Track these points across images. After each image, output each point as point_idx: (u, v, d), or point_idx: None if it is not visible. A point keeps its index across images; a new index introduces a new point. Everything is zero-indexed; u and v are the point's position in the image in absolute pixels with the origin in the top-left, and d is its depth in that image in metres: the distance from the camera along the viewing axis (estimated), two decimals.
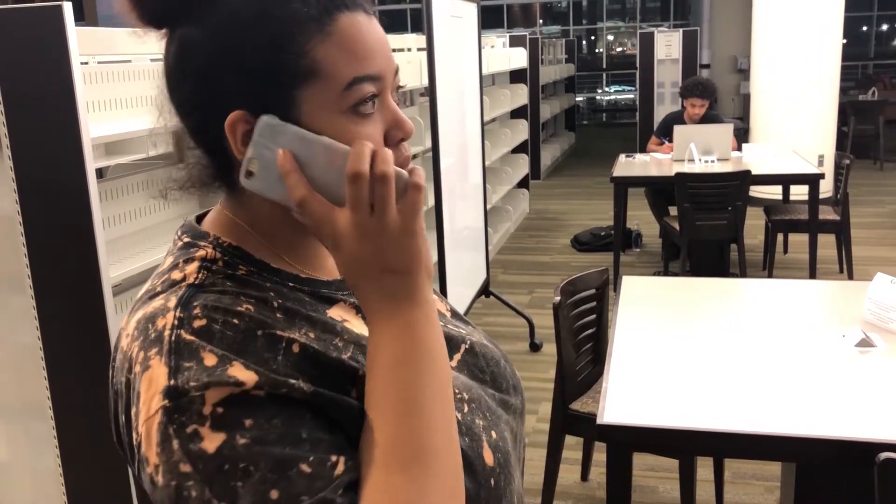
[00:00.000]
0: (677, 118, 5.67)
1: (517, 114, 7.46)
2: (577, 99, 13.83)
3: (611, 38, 17.20)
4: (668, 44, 9.32)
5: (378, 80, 0.65)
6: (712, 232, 4.64)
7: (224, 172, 0.68)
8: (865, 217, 6.67)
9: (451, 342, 0.77)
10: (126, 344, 0.64)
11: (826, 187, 6.51)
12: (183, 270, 0.67)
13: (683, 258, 4.75)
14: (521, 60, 7.59)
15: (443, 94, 3.44)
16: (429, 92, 3.38)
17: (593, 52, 17.31)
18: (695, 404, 1.77)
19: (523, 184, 7.38)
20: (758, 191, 6.65)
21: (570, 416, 2.46)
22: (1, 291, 2.10)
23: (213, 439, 0.57)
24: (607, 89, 17.15)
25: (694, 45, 9.36)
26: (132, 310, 0.67)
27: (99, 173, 2.50)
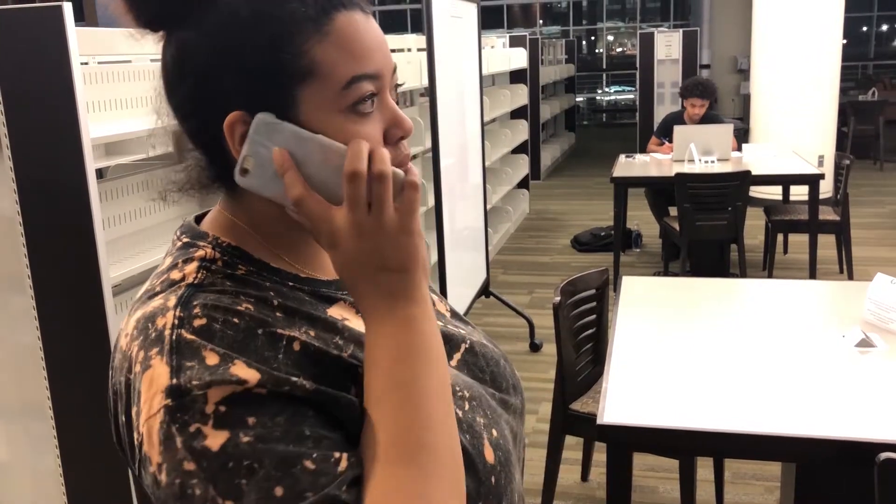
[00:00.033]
0: (677, 118, 5.66)
1: (517, 114, 7.46)
2: (577, 99, 13.83)
3: (611, 38, 17.20)
4: (668, 44, 9.32)
5: (376, 78, 0.65)
6: (712, 232, 4.64)
7: (223, 173, 0.68)
8: (865, 217, 6.67)
9: (451, 342, 0.77)
10: (125, 344, 0.64)
11: (826, 188, 6.51)
12: (182, 270, 0.67)
13: (683, 258, 4.75)
14: (521, 61, 7.59)
15: (443, 94, 3.44)
16: (429, 92, 3.38)
17: (593, 53, 17.31)
18: (695, 404, 1.78)
19: (523, 184, 7.38)
20: (758, 191, 6.65)
21: (570, 417, 2.46)
22: (1, 291, 2.10)
23: (216, 437, 0.57)
24: (607, 90, 17.15)
25: (694, 46, 9.35)
26: (131, 310, 0.67)
27: (99, 173, 2.50)
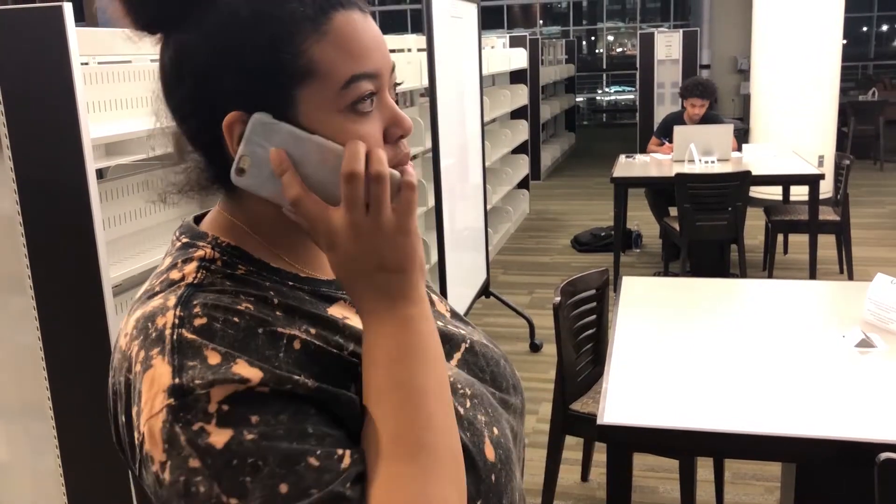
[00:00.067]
0: (677, 119, 5.66)
1: (517, 114, 7.46)
2: (578, 99, 13.83)
3: (611, 38, 17.20)
4: (668, 44, 9.32)
5: (375, 77, 0.66)
6: (712, 232, 4.64)
7: (222, 174, 0.68)
8: (865, 217, 6.67)
9: (452, 341, 0.77)
10: (125, 343, 0.64)
11: (826, 188, 6.51)
12: (181, 270, 0.67)
13: (683, 259, 4.75)
14: (521, 61, 7.59)
15: (443, 94, 3.44)
16: (429, 92, 3.38)
17: (593, 53, 17.31)
18: (695, 405, 1.78)
19: (523, 184, 7.38)
20: (758, 191, 6.65)
21: (570, 417, 2.46)
22: (1, 292, 2.10)
23: (220, 435, 0.57)
24: (607, 90, 17.15)
25: (694, 46, 9.36)
26: (130, 310, 0.67)
27: (99, 174, 2.50)
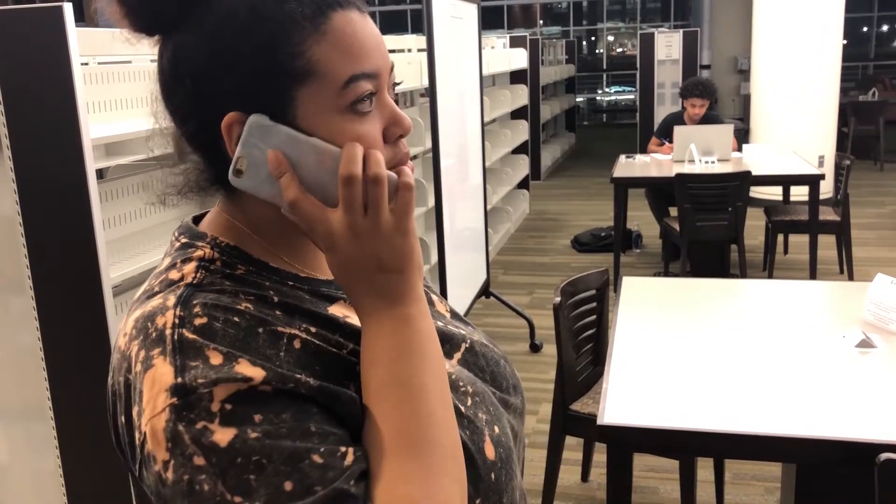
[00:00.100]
0: (677, 119, 5.66)
1: (517, 114, 7.46)
2: (578, 100, 13.83)
3: (611, 38, 17.20)
4: (668, 44, 9.32)
5: (375, 77, 0.66)
6: (712, 232, 4.64)
7: (221, 175, 0.68)
8: (866, 218, 6.67)
9: (452, 341, 0.77)
10: (124, 343, 0.64)
11: (826, 188, 6.51)
12: (181, 270, 0.67)
13: (683, 259, 4.75)
14: (521, 61, 7.59)
15: (443, 94, 3.44)
16: (429, 93, 3.38)
17: (593, 53, 17.31)
18: (695, 405, 1.78)
19: (523, 184, 7.38)
20: (758, 191, 6.65)
21: (570, 417, 2.46)
22: (1, 292, 2.10)
23: (224, 434, 0.57)
24: (607, 90, 17.15)
25: (694, 46, 9.36)
26: (129, 310, 0.67)
27: (99, 174, 2.50)
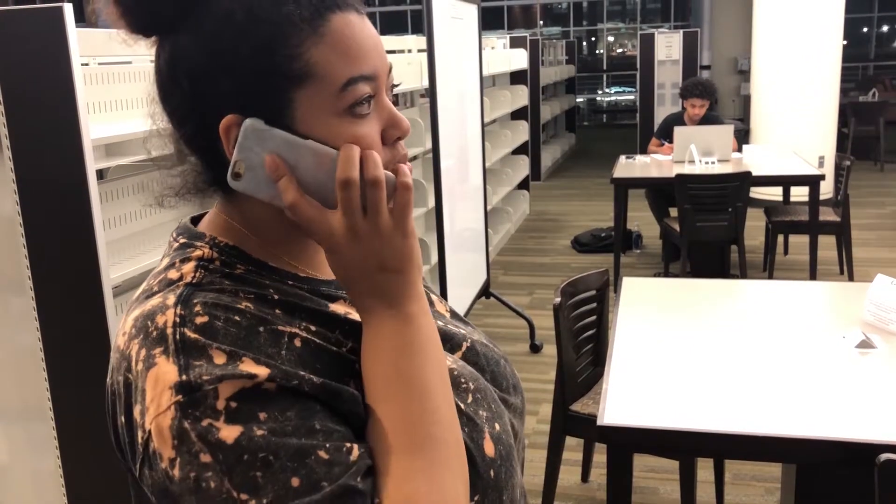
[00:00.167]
0: (678, 119, 5.67)
1: (517, 115, 7.46)
2: (578, 100, 13.83)
3: (611, 39, 17.20)
4: (668, 45, 9.33)
5: (373, 79, 0.65)
6: (712, 233, 4.64)
7: (220, 177, 0.68)
8: (866, 218, 6.67)
9: (452, 341, 0.77)
10: (123, 342, 0.64)
11: (826, 188, 6.50)
12: (180, 270, 0.67)
13: (684, 259, 4.75)
14: (521, 62, 7.59)
15: (443, 95, 3.44)
16: (429, 93, 3.38)
17: (594, 54, 17.31)
18: (695, 406, 1.78)
19: (523, 185, 7.38)
20: (758, 192, 6.65)
21: (570, 418, 2.46)
22: (1, 293, 2.10)
23: (230, 431, 0.57)
24: (608, 90, 17.15)
25: (694, 47, 9.36)
26: (128, 309, 0.67)
27: (99, 174, 2.50)
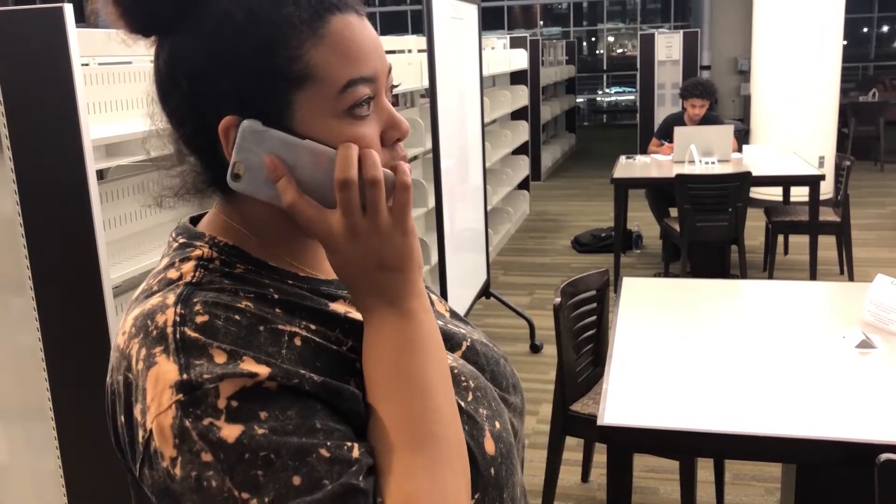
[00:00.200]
0: (678, 120, 5.67)
1: (517, 115, 7.46)
2: (578, 100, 13.83)
3: (611, 39, 17.21)
4: (668, 45, 9.33)
5: (372, 81, 0.65)
6: (713, 233, 4.64)
7: (219, 178, 0.68)
8: (866, 218, 6.67)
9: (452, 340, 0.77)
10: (123, 342, 0.64)
11: (826, 189, 6.50)
12: (179, 269, 0.67)
13: (684, 259, 4.75)
14: (521, 62, 7.59)
15: (443, 95, 3.44)
16: (429, 93, 3.39)
17: (594, 54, 17.31)
18: (695, 406, 1.78)
19: (524, 185, 7.38)
20: (758, 192, 6.65)
21: (570, 418, 2.46)
22: (1, 293, 2.10)
23: (231, 430, 0.57)
24: (608, 91, 17.15)
25: (694, 47, 9.36)
26: (127, 309, 0.67)
27: (99, 175, 2.50)
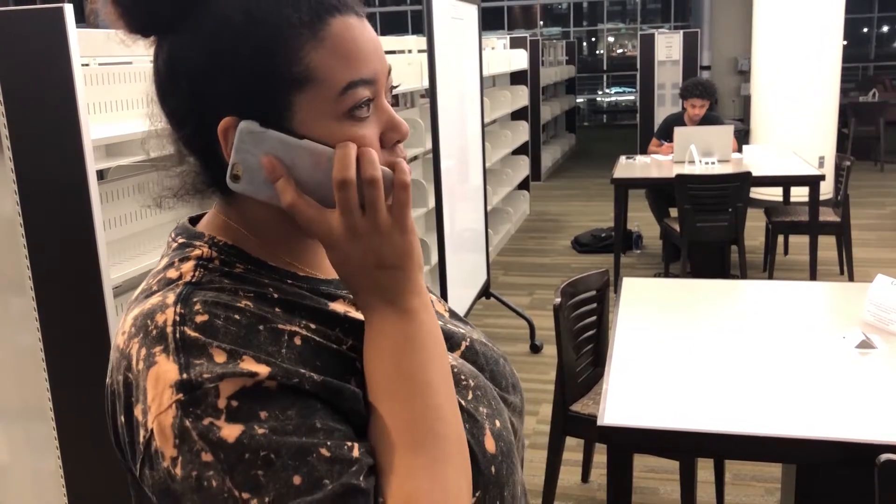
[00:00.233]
0: (678, 120, 5.66)
1: (517, 115, 7.46)
2: (578, 100, 13.83)
3: (611, 39, 17.21)
4: (668, 45, 9.33)
5: (372, 83, 0.65)
6: (713, 233, 4.64)
7: (218, 178, 0.68)
8: (866, 219, 6.67)
9: (452, 340, 0.77)
10: (123, 342, 0.64)
11: (826, 189, 6.50)
12: (179, 269, 0.67)
13: (684, 260, 4.75)
14: (521, 62, 7.59)
15: (443, 95, 3.44)
16: (429, 94, 3.39)
17: (594, 54, 17.31)
18: (695, 406, 1.78)
19: (524, 185, 7.38)
20: (758, 192, 6.65)
21: (570, 418, 2.46)
22: (1, 293, 2.10)
23: (231, 430, 0.57)
24: (608, 91, 17.16)
25: (694, 47, 9.36)
26: (127, 309, 0.67)
27: (100, 175, 2.50)
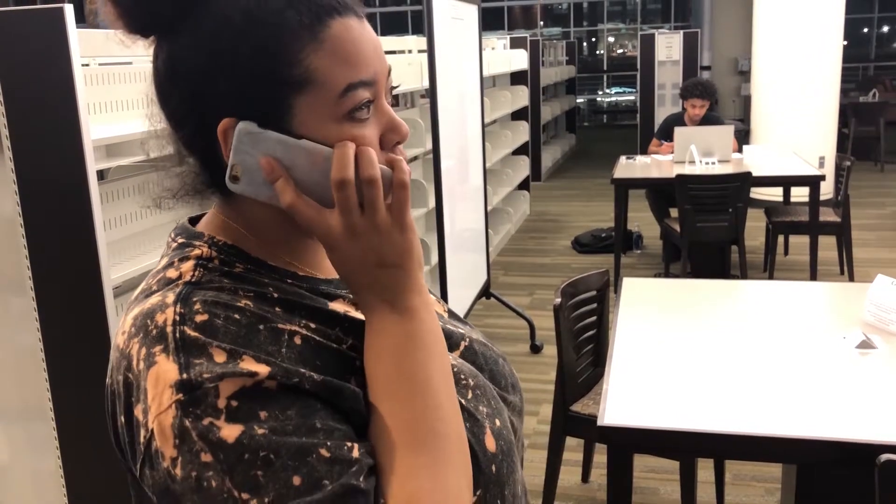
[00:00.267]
0: (678, 120, 5.66)
1: (518, 115, 7.46)
2: (578, 101, 13.83)
3: (611, 39, 17.21)
4: (668, 45, 9.33)
5: (372, 84, 0.65)
6: (713, 233, 4.64)
7: (218, 179, 0.68)
8: (866, 219, 6.67)
9: (451, 339, 0.77)
10: (122, 341, 0.64)
11: (827, 189, 6.49)
12: (178, 269, 0.67)
13: (684, 260, 4.75)
14: (521, 62, 7.59)
15: (443, 95, 3.44)
16: (429, 94, 3.39)
17: (594, 54, 17.32)
18: (695, 406, 1.78)
19: (524, 185, 7.38)
20: (758, 192, 6.65)
21: (570, 418, 2.46)
22: (2, 293, 2.10)
23: (230, 430, 0.57)
24: (608, 91, 17.16)
25: (695, 47, 9.36)
26: (127, 309, 0.67)
27: (100, 175, 2.50)
